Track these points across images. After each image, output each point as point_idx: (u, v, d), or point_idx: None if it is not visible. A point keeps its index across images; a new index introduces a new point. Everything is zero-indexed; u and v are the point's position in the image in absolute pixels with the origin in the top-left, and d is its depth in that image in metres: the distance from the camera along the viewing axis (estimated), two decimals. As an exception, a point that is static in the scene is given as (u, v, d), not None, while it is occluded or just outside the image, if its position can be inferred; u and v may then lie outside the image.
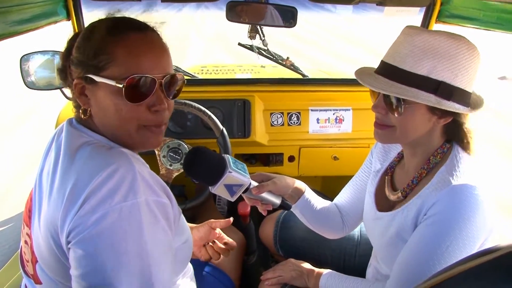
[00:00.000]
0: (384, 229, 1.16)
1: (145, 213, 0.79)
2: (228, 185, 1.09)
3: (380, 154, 1.33)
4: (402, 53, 1.01)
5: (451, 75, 0.98)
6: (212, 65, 3.28)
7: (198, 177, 1.14)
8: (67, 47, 0.94)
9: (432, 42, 0.97)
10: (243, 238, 1.70)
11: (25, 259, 0.99)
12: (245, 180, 1.11)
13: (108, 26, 0.88)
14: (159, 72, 0.88)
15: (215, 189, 1.10)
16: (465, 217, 0.95)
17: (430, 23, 1.77)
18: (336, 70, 7.14)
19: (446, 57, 0.97)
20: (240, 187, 1.11)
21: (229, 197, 1.12)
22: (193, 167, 1.10)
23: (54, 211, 0.81)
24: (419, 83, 0.98)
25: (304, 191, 1.33)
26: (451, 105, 0.98)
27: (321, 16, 17.03)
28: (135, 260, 0.76)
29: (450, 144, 1.09)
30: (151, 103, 0.88)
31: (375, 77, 1.06)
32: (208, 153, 1.10)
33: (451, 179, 1.00)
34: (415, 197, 1.07)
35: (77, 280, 0.76)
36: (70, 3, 1.62)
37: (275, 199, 1.22)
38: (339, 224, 1.41)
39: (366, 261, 1.41)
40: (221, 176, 1.07)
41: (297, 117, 2.06)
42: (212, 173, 1.09)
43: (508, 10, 1.30)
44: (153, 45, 0.89)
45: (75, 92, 0.90)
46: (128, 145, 0.93)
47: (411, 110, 1.01)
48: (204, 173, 1.10)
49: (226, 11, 1.73)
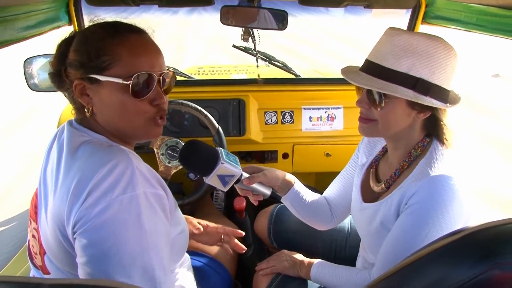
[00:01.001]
0: (369, 219, 1.21)
1: (143, 204, 0.84)
2: (220, 175, 1.16)
3: (366, 148, 1.39)
4: (383, 51, 1.07)
5: (429, 73, 1.03)
6: (209, 66, 3.31)
7: (193, 167, 1.22)
8: (61, 52, 0.96)
9: (412, 42, 1.03)
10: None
11: (34, 251, 1.03)
12: (236, 171, 1.18)
13: (107, 29, 0.94)
14: (157, 69, 0.95)
15: (209, 179, 1.17)
16: (442, 205, 1.00)
17: (416, 24, 1.81)
18: (330, 69, 7.17)
19: (424, 56, 1.02)
20: (232, 178, 1.18)
21: (222, 187, 1.19)
22: (189, 159, 1.17)
23: (60, 205, 0.85)
24: (398, 79, 1.04)
25: (293, 183, 1.38)
26: (429, 100, 1.04)
27: (317, 18, 17.01)
28: (135, 246, 0.81)
29: (430, 139, 1.14)
30: (152, 97, 0.96)
31: (358, 73, 1.12)
32: (202, 146, 1.17)
33: (430, 170, 1.05)
34: (397, 188, 1.12)
35: (83, 267, 0.81)
36: (72, 9, 1.66)
37: (266, 190, 1.29)
38: (328, 215, 1.46)
39: (356, 252, 1.46)
40: (214, 167, 1.14)
41: (290, 115, 2.11)
42: (206, 164, 1.16)
43: (487, 12, 1.34)
44: (150, 45, 0.96)
45: (76, 93, 0.94)
46: (130, 138, 1.00)
47: (392, 104, 1.07)
48: (198, 164, 1.17)
49: (221, 15, 1.79)
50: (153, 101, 0.96)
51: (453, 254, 0.57)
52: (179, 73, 2.26)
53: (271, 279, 1.41)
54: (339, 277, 1.28)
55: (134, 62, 0.92)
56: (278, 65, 2.31)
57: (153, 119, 0.98)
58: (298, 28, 14.05)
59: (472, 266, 0.52)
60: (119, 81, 0.91)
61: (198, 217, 1.88)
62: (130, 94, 0.92)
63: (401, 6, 1.86)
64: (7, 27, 1.11)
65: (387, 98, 1.07)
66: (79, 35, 0.97)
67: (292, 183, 1.38)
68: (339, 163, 2.06)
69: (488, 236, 0.56)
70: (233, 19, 1.80)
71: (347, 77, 1.13)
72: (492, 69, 8.77)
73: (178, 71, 2.27)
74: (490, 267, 0.51)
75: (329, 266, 1.33)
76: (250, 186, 1.26)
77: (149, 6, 1.76)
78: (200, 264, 1.46)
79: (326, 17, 16.48)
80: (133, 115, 0.95)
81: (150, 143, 1.77)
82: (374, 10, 1.85)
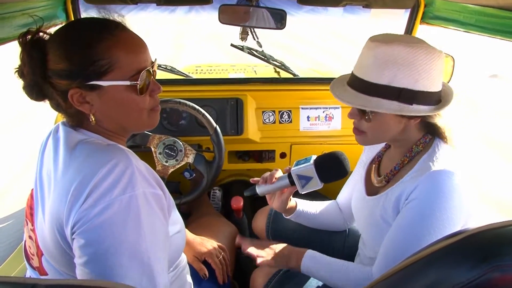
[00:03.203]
0: (370, 212, 1.22)
1: (142, 204, 0.84)
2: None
3: (369, 146, 1.41)
4: (365, 65, 1.08)
5: (412, 81, 1.03)
6: (206, 65, 3.30)
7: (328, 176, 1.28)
8: (34, 60, 0.88)
9: (391, 53, 1.03)
10: (236, 231, 1.74)
11: (30, 253, 1.03)
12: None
13: (92, 32, 0.89)
14: (149, 61, 0.95)
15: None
16: (443, 199, 1.00)
17: (414, 25, 1.82)
18: (329, 68, 7.18)
19: (405, 65, 1.02)
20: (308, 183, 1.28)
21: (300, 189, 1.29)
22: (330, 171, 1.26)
23: (58, 206, 0.85)
24: (381, 92, 1.04)
25: (295, 207, 1.43)
26: (415, 108, 1.04)
27: (320, 17, 17.05)
28: (134, 246, 0.81)
29: (432, 136, 1.14)
30: (151, 89, 0.96)
31: (344, 89, 1.13)
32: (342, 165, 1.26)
33: (431, 165, 1.06)
34: (398, 182, 1.13)
35: (81, 267, 0.80)
36: (69, 6, 1.66)
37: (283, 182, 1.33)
38: (339, 220, 1.47)
39: (354, 252, 1.46)
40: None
41: (288, 115, 2.11)
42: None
43: (486, 13, 1.34)
44: (137, 39, 0.95)
45: (74, 102, 0.90)
46: (130, 131, 1.02)
47: (380, 116, 1.09)
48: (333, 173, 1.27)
49: (219, 14, 1.78)
50: (152, 93, 0.97)
51: (452, 256, 0.56)
52: (176, 71, 2.26)
53: (269, 279, 1.41)
54: (335, 270, 1.25)
55: (132, 60, 0.91)
56: (276, 64, 2.31)
57: (153, 108, 0.99)
58: (297, 27, 14.05)
59: (471, 268, 0.52)
60: (125, 83, 0.90)
61: (195, 216, 1.88)
62: (136, 93, 0.92)
63: (400, 6, 1.87)
64: (4, 24, 1.11)
65: (374, 112, 1.08)
66: (57, 41, 0.90)
67: (294, 207, 1.43)
68: (337, 163, 2.07)
69: (488, 238, 0.55)
70: (232, 17, 1.80)
71: (333, 93, 1.14)
72: (490, 70, 8.81)
73: (176, 70, 2.26)
74: (490, 269, 0.50)
75: (322, 258, 1.30)
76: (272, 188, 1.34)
77: (147, 5, 1.75)
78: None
79: (325, 16, 16.52)
80: (138, 111, 0.96)
81: (148, 142, 1.76)
82: (372, 10, 1.86)
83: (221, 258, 1.47)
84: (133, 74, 0.90)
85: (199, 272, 1.41)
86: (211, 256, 1.44)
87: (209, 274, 1.42)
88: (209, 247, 1.47)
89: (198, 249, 1.45)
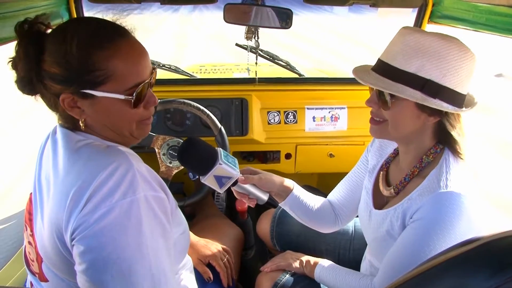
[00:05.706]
0: (377, 225, 1.19)
1: (144, 208, 0.82)
2: (217, 176, 1.14)
3: (376, 151, 1.36)
4: (394, 51, 1.05)
5: (440, 74, 1.00)
6: (211, 64, 3.29)
7: (190, 165, 1.19)
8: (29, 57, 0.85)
9: (423, 42, 1.00)
10: (241, 233, 1.73)
11: (30, 258, 1.01)
12: (234, 173, 1.15)
13: (92, 38, 0.85)
14: (148, 72, 0.92)
15: (205, 179, 1.14)
16: (447, 223, 0.97)
17: (422, 24, 1.80)
18: (334, 68, 7.15)
19: (435, 57, 0.99)
20: (229, 180, 1.16)
21: (218, 188, 1.16)
22: (186, 156, 1.14)
23: (57, 212, 0.83)
24: (406, 80, 1.01)
25: (292, 188, 1.34)
26: (438, 103, 1.01)
27: (326, 16, 17.02)
28: (135, 252, 0.79)
29: (443, 146, 1.11)
30: (146, 101, 0.93)
31: (368, 73, 1.10)
32: (202, 144, 1.14)
33: (438, 185, 1.02)
34: (406, 198, 1.10)
35: (81, 274, 0.79)
36: (72, 5, 1.65)
37: (262, 195, 1.26)
38: (331, 219, 1.43)
39: (360, 255, 1.44)
40: (212, 166, 1.12)
41: (293, 115, 2.09)
42: (203, 163, 1.13)
43: (496, 12, 1.32)
44: (138, 48, 0.90)
45: (64, 106, 0.87)
46: (124, 141, 0.97)
47: (400, 105, 1.05)
48: (196, 162, 1.15)
49: (224, 13, 1.76)
50: (146, 105, 0.94)
51: (467, 265, 0.54)
52: (180, 71, 2.25)
53: (274, 282, 1.39)
54: (340, 280, 1.27)
55: (130, 72, 0.87)
56: (282, 64, 2.29)
57: (143, 121, 0.96)
58: (301, 26, 14.03)
59: (487, 278, 0.50)
60: (120, 97, 0.87)
61: (199, 218, 1.87)
62: (130, 106, 0.89)
63: (407, 5, 1.85)
64: (6, 24, 1.09)
65: (395, 99, 1.04)
66: (55, 42, 0.85)
67: (291, 189, 1.34)
68: (342, 164, 2.06)
69: (505, 246, 0.53)
70: (237, 17, 1.78)
71: (356, 76, 1.11)
72: (495, 69, 8.74)
73: (180, 70, 2.25)
74: (507, 280, 0.48)
75: (332, 268, 1.32)
76: (246, 189, 1.23)
77: (150, 4, 1.73)
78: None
79: (330, 15, 16.49)
80: (129, 122, 0.93)
81: (151, 143, 1.75)
82: (380, 9, 1.83)
83: (226, 260, 1.45)
84: (129, 88, 0.87)
85: (203, 275, 1.39)
86: (215, 259, 1.43)
87: (213, 277, 1.40)
88: (214, 249, 1.45)
89: (202, 252, 1.43)
